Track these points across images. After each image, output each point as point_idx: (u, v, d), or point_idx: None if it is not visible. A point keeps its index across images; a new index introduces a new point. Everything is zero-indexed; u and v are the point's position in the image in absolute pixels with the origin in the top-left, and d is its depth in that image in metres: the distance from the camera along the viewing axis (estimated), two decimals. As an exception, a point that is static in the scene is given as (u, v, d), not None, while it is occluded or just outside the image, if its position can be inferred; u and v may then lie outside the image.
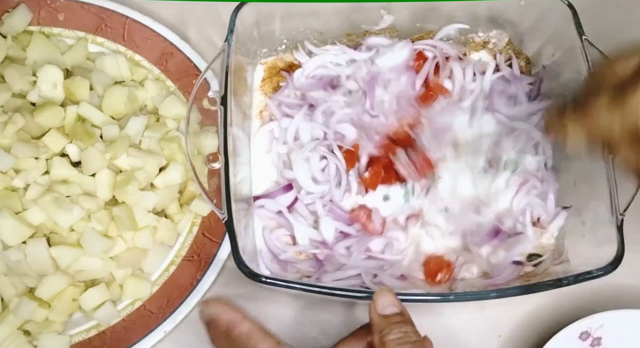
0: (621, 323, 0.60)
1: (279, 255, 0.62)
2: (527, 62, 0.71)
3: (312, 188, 0.63)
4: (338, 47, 0.69)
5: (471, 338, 0.63)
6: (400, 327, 0.46)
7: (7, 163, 0.60)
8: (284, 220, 0.63)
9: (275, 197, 0.63)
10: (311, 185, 0.63)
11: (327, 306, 0.64)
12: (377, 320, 0.46)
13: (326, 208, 0.62)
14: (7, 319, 0.58)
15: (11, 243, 0.58)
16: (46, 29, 0.72)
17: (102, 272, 0.61)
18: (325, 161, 0.64)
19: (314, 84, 0.68)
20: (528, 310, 0.65)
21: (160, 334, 0.61)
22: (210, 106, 0.58)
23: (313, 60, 0.68)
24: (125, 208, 0.62)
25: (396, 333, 0.45)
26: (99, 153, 0.62)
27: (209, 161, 0.55)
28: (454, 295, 0.54)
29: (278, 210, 0.63)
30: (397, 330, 0.45)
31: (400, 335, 0.45)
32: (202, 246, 0.65)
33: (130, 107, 0.67)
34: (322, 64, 0.69)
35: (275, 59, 0.71)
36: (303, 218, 0.63)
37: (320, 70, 0.68)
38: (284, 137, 0.66)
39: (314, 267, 0.62)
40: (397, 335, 0.45)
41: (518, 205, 0.62)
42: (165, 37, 0.72)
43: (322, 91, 0.67)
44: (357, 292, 0.55)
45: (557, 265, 0.60)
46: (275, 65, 0.71)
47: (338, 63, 0.69)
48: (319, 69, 0.68)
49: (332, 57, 0.69)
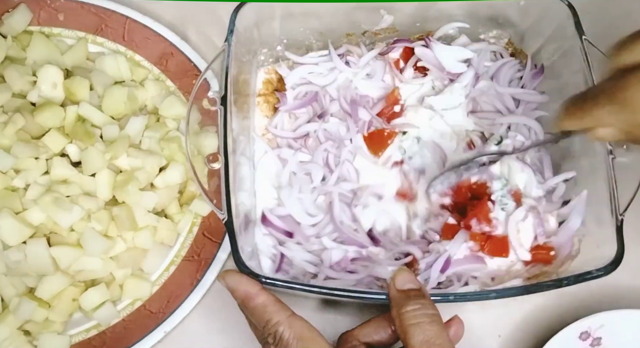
0: (621, 323, 0.60)
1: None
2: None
3: (309, 221, 0.63)
4: (323, 53, 0.69)
5: (471, 338, 0.63)
6: (418, 299, 0.47)
7: (7, 163, 0.60)
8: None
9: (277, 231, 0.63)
10: (307, 219, 0.63)
11: (327, 306, 0.64)
12: (396, 295, 0.48)
13: (334, 237, 0.62)
14: (7, 319, 0.58)
15: (11, 243, 0.58)
16: (46, 29, 0.72)
17: (102, 272, 0.61)
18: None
19: (300, 104, 0.68)
20: (528, 310, 0.65)
21: (160, 334, 0.61)
22: (210, 106, 0.58)
23: (293, 74, 0.69)
24: (125, 208, 0.62)
25: (413, 304, 0.47)
26: (99, 153, 0.62)
27: (209, 161, 0.55)
28: (453, 295, 0.54)
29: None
30: (414, 301, 0.47)
31: (417, 306, 0.47)
32: (202, 246, 0.65)
33: (130, 107, 0.67)
34: (303, 76, 0.69)
35: (269, 69, 0.71)
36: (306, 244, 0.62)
37: (303, 88, 0.69)
38: (280, 172, 0.65)
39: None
40: (415, 306, 0.47)
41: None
42: (165, 37, 0.72)
43: (311, 123, 0.66)
44: (357, 292, 0.54)
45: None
46: (271, 80, 0.71)
47: (320, 72, 0.69)
48: (301, 86, 0.69)
49: (311, 67, 0.69)
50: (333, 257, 0.60)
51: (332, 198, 0.63)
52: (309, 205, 0.63)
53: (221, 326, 0.63)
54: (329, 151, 0.65)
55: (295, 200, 0.63)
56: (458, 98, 0.67)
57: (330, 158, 0.65)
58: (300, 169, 0.65)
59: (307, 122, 0.67)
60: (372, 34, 0.70)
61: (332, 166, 0.65)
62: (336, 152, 0.65)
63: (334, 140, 0.65)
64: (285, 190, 0.63)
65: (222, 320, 0.63)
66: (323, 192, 0.63)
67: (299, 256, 0.61)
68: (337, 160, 0.65)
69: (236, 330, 0.63)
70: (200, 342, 0.63)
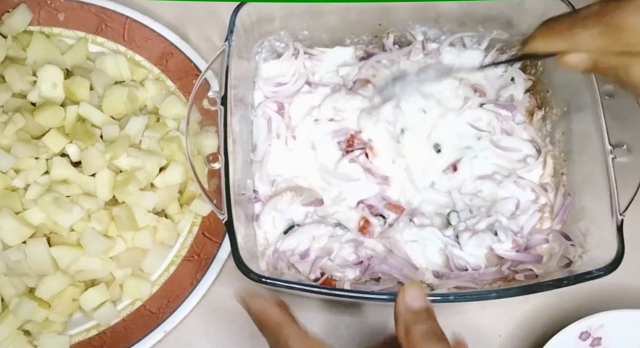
0: (621, 323, 0.60)
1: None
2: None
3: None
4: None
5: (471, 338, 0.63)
6: (427, 320, 0.46)
7: (7, 163, 0.60)
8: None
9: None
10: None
11: (327, 306, 0.64)
12: (404, 311, 0.46)
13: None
14: (7, 319, 0.58)
15: (11, 243, 0.58)
16: (46, 29, 0.72)
17: (102, 272, 0.61)
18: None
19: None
20: (528, 310, 0.64)
21: (160, 334, 0.61)
22: (210, 106, 0.58)
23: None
24: (125, 208, 0.62)
25: (423, 325, 0.45)
26: (99, 153, 0.62)
27: (209, 161, 0.55)
28: (454, 295, 0.54)
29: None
30: (423, 322, 0.45)
31: (426, 328, 0.45)
32: (202, 246, 0.65)
33: (130, 107, 0.67)
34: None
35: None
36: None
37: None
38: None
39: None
40: (424, 327, 0.45)
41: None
42: (165, 37, 0.72)
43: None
44: (357, 292, 0.55)
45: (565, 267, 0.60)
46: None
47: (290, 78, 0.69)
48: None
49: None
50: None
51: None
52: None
53: (221, 326, 0.63)
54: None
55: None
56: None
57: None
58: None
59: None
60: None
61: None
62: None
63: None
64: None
65: (222, 320, 0.63)
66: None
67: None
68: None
69: (236, 330, 0.63)
70: (200, 342, 0.63)
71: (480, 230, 0.62)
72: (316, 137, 0.67)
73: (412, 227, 0.62)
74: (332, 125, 0.67)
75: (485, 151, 0.67)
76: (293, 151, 0.67)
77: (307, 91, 0.69)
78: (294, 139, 0.67)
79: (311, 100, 0.68)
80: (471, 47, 0.71)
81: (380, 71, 0.69)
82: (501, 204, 0.64)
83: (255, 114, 0.68)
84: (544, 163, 0.66)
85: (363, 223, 0.63)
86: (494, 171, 0.66)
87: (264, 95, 0.68)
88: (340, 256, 0.61)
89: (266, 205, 0.63)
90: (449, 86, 0.69)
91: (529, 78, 0.70)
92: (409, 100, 0.67)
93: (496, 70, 0.71)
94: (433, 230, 0.62)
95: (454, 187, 0.65)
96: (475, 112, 0.68)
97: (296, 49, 0.69)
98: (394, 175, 0.66)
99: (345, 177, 0.65)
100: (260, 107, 0.67)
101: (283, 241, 0.62)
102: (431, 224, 0.63)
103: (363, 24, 0.69)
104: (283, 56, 0.69)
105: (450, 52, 0.71)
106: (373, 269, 0.60)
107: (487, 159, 0.67)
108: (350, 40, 0.70)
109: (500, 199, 0.64)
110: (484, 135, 0.67)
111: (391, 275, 0.60)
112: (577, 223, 0.61)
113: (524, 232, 0.63)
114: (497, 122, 0.67)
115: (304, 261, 0.61)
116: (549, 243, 0.62)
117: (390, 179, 0.65)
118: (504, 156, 0.67)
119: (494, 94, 0.70)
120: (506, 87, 0.70)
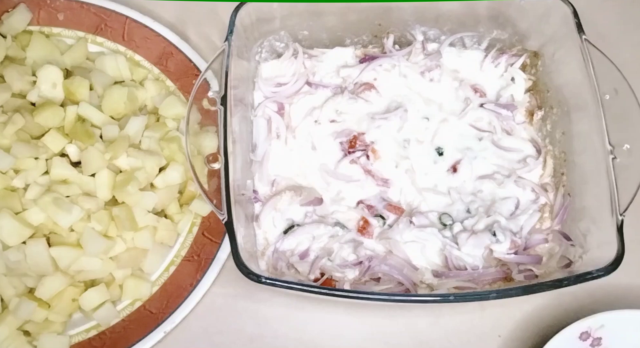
0: (621, 324, 0.60)
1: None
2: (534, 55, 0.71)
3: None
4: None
5: (471, 338, 0.63)
6: None
7: (7, 163, 0.60)
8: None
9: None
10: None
11: (327, 306, 0.64)
12: None
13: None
14: (7, 319, 0.58)
15: (11, 244, 0.58)
16: (46, 29, 0.72)
17: (102, 272, 0.61)
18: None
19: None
20: (528, 310, 0.65)
21: (160, 334, 0.61)
22: (210, 106, 0.58)
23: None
24: (125, 208, 0.62)
25: None
26: (98, 153, 0.62)
27: (208, 161, 0.55)
28: (453, 295, 0.54)
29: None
30: None
31: None
32: (202, 246, 0.64)
33: (130, 107, 0.67)
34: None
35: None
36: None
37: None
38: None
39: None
40: None
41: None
42: (165, 37, 0.72)
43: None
44: (357, 292, 0.54)
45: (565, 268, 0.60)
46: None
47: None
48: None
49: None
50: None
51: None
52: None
53: (221, 326, 0.63)
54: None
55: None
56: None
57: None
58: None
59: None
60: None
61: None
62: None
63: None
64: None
65: (222, 320, 0.63)
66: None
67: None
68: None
69: (236, 330, 0.63)
70: (200, 342, 0.63)
71: (478, 230, 0.62)
72: (317, 137, 0.67)
73: (412, 229, 0.62)
74: (333, 126, 0.67)
75: (486, 151, 0.67)
76: (293, 151, 0.67)
77: (307, 91, 0.69)
78: (294, 139, 0.67)
79: (312, 101, 0.69)
80: (471, 47, 0.72)
81: (381, 74, 0.69)
82: (501, 204, 0.64)
83: (255, 114, 0.68)
84: (544, 163, 0.66)
85: (362, 223, 0.63)
86: (494, 171, 0.66)
87: (263, 96, 0.69)
88: (340, 256, 0.61)
89: (266, 205, 0.63)
90: (450, 88, 0.69)
91: (529, 78, 0.70)
92: (413, 108, 0.68)
93: (496, 70, 0.71)
94: (432, 231, 0.62)
95: (453, 188, 0.65)
96: (476, 112, 0.68)
97: (295, 49, 0.69)
98: (396, 179, 0.66)
99: (345, 178, 0.65)
100: (260, 107, 0.68)
101: (283, 241, 0.62)
102: (431, 225, 0.63)
103: (363, 24, 0.69)
104: (283, 56, 0.70)
105: (450, 52, 0.71)
106: (373, 269, 0.60)
107: (487, 159, 0.67)
108: (350, 40, 0.71)
109: (499, 199, 0.65)
110: (484, 135, 0.68)
111: (391, 275, 0.60)
112: (577, 223, 0.61)
113: (523, 232, 0.63)
114: (497, 122, 0.68)
115: (304, 261, 0.61)
116: (548, 243, 0.62)
117: (390, 182, 0.66)
118: (504, 156, 0.67)
119: (494, 94, 0.70)
120: (506, 87, 0.70)
